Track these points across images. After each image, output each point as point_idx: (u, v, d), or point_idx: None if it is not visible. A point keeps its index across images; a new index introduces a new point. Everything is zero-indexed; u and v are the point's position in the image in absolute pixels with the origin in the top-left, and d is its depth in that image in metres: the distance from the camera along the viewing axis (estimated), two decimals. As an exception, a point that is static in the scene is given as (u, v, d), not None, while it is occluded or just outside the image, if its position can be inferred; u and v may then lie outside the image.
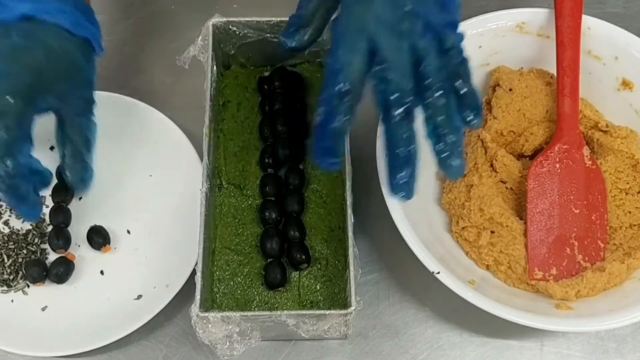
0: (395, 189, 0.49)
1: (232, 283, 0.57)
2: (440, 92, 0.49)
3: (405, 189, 0.49)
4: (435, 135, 0.49)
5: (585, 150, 0.62)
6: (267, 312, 0.52)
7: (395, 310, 0.62)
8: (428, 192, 0.63)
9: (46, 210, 0.64)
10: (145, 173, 0.66)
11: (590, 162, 0.62)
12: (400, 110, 0.48)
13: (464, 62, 0.51)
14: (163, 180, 0.65)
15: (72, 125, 0.58)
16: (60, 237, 0.62)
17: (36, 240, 0.63)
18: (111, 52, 0.74)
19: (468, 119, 0.50)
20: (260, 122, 0.63)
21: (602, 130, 0.64)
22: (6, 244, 0.63)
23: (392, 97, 0.48)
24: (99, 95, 0.67)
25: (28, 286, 0.62)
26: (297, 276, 0.58)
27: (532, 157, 0.64)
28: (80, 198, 0.65)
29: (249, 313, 0.52)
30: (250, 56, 0.65)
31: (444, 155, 0.49)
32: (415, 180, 0.49)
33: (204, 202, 0.56)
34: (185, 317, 0.61)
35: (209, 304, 0.55)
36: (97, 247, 0.63)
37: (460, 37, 0.51)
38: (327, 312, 0.51)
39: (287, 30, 0.55)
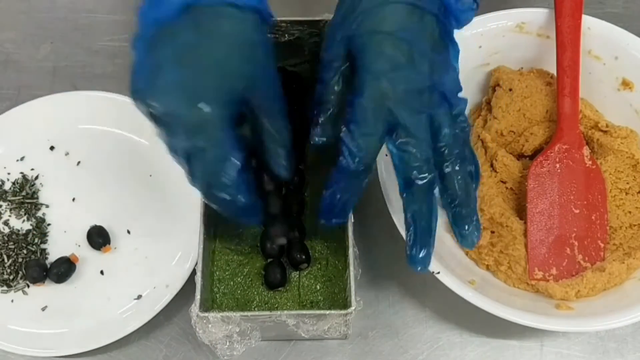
0: (414, 262, 0.49)
1: (232, 283, 0.57)
2: (458, 162, 0.49)
3: (424, 263, 0.49)
4: (453, 205, 0.50)
5: (585, 150, 0.62)
6: (267, 312, 0.52)
7: (395, 310, 0.62)
8: (428, 192, 0.63)
9: (46, 211, 0.65)
10: (145, 173, 0.66)
11: (590, 162, 0.62)
12: (424, 182, 0.48)
13: (468, 126, 0.51)
14: (163, 180, 0.65)
15: (267, 115, 0.50)
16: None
17: (36, 240, 0.63)
18: (111, 52, 0.74)
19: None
20: (260, 122, 0.63)
21: (602, 130, 0.64)
22: (6, 244, 0.63)
23: (415, 170, 0.48)
24: (99, 95, 0.68)
25: (28, 286, 0.62)
26: (297, 276, 0.58)
27: (532, 157, 0.64)
28: (73, 199, 0.65)
29: (249, 313, 0.51)
30: (250, 56, 0.65)
31: (463, 225, 0.50)
32: (433, 252, 0.50)
33: (204, 202, 0.55)
34: (185, 317, 0.61)
35: (209, 304, 0.55)
36: (97, 247, 0.63)
37: (465, 102, 0.51)
38: (327, 312, 0.51)
39: (316, 127, 0.51)
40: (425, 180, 0.48)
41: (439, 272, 0.54)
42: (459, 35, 0.52)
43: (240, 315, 0.51)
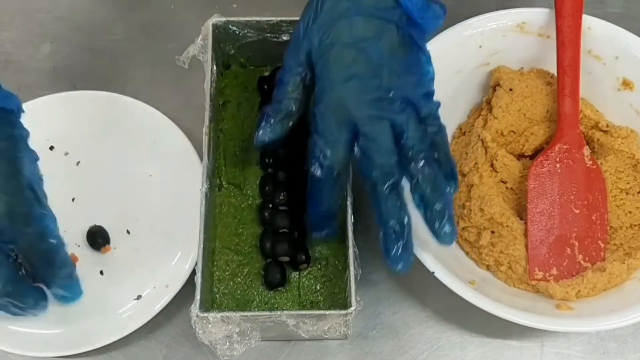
0: (393, 261, 0.50)
1: (232, 283, 0.57)
2: (423, 161, 0.50)
3: (402, 260, 0.50)
4: (423, 204, 0.50)
5: (586, 150, 0.62)
6: (267, 312, 0.52)
7: (395, 310, 0.62)
8: (428, 192, 0.63)
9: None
10: (145, 173, 0.66)
11: (590, 162, 0.62)
12: (388, 185, 0.49)
13: (440, 129, 0.52)
14: (163, 180, 0.65)
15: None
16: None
17: (36, 240, 0.63)
18: (111, 52, 0.74)
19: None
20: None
21: (602, 130, 0.64)
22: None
23: (378, 174, 0.49)
24: (100, 95, 0.68)
25: (28, 286, 0.62)
26: (297, 276, 0.58)
27: (533, 157, 0.64)
28: (73, 199, 0.65)
29: (249, 313, 0.51)
30: (250, 56, 0.65)
31: (434, 223, 0.50)
32: (412, 249, 0.50)
33: (204, 202, 0.55)
34: (185, 317, 0.60)
35: (208, 304, 0.55)
36: (97, 247, 0.63)
37: (437, 105, 0.52)
38: (327, 312, 0.51)
39: (265, 124, 0.53)
40: (388, 184, 0.49)
41: (433, 272, 0.54)
42: (459, 35, 0.52)
43: (240, 316, 0.51)
